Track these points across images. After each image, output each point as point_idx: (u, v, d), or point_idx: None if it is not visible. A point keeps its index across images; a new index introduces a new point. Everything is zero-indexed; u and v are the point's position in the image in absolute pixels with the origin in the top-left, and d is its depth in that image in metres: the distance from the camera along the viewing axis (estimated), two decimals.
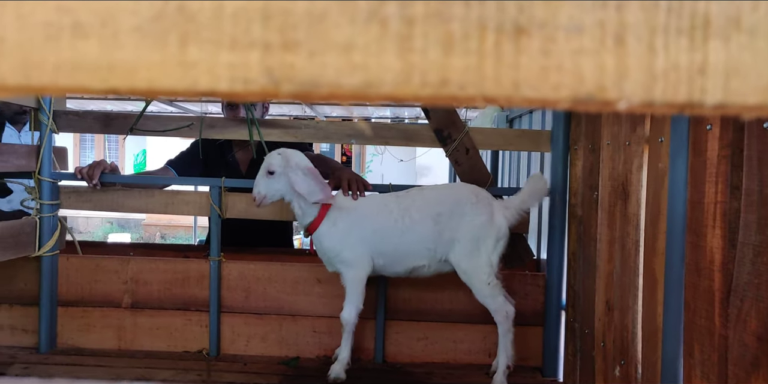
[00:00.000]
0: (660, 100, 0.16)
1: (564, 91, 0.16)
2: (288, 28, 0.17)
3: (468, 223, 1.77)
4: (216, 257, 2.07)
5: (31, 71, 0.17)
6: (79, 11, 0.17)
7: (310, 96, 0.17)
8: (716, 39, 0.16)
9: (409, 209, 1.80)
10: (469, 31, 0.17)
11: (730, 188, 0.99)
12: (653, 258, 1.30)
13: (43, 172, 2.05)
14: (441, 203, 1.80)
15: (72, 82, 0.17)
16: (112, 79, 0.17)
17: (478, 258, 1.76)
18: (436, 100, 0.17)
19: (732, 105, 0.16)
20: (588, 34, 0.16)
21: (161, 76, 0.17)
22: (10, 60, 0.17)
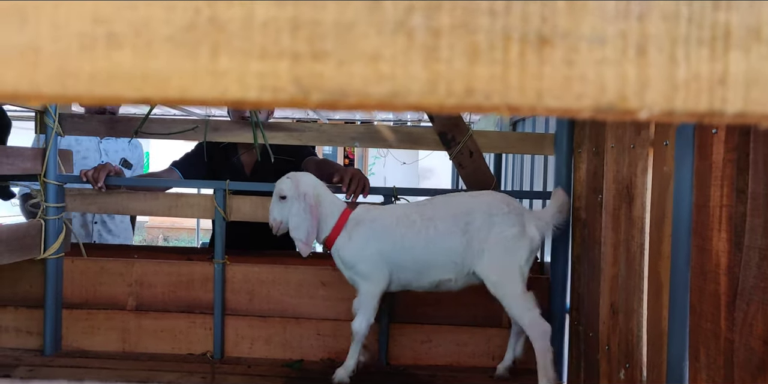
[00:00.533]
0: (681, 109, 0.16)
1: (586, 100, 0.17)
2: (316, 39, 0.17)
3: (499, 235, 1.68)
4: (220, 260, 2.08)
5: (67, 80, 0.18)
6: (113, 22, 0.18)
7: (338, 105, 0.18)
8: (737, 50, 0.16)
9: (434, 219, 1.71)
10: (494, 41, 0.17)
11: (736, 192, 0.99)
12: (658, 261, 1.30)
13: (48, 175, 2.06)
14: (470, 213, 1.70)
15: (107, 91, 0.18)
16: (145, 88, 0.18)
17: (511, 270, 1.67)
18: (461, 109, 0.17)
19: (752, 114, 0.16)
20: (610, 44, 0.17)
21: (193, 85, 0.18)
22: (46, 69, 0.18)
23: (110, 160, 2.70)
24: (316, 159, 2.46)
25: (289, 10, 0.17)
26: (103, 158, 2.69)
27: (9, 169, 1.92)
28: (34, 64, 0.18)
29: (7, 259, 1.86)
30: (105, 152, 2.73)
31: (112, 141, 2.75)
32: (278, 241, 2.56)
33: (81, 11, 0.18)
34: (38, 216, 2.07)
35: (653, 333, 1.32)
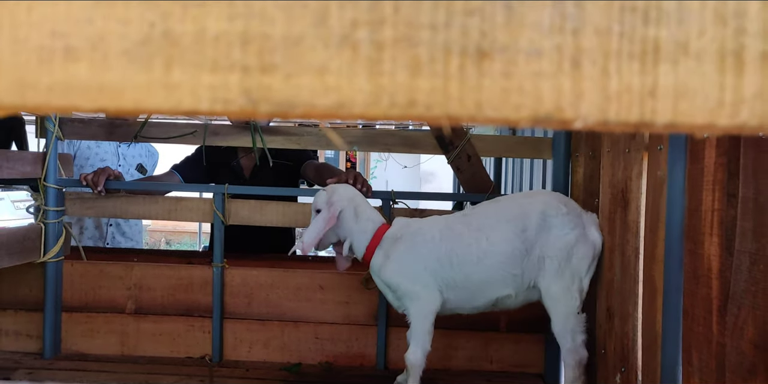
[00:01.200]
0: (614, 120, 0.17)
1: (524, 111, 0.17)
2: (266, 52, 0.18)
3: (558, 239, 1.51)
4: (219, 263, 2.08)
5: (26, 92, 0.18)
6: (71, 36, 0.18)
7: (287, 115, 0.18)
8: (666, 63, 0.17)
9: (483, 229, 1.54)
10: (435, 54, 0.18)
11: (727, 196, 0.99)
12: (653, 265, 1.30)
13: (48, 179, 2.07)
14: (525, 216, 1.53)
15: (64, 102, 0.18)
16: (101, 99, 0.18)
17: (571, 281, 1.51)
18: (403, 119, 0.18)
19: (681, 125, 0.17)
20: (546, 57, 0.17)
21: (147, 97, 0.18)
22: (5, 81, 0.18)
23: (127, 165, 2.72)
24: (316, 163, 2.47)
25: (239, 24, 0.18)
26: (121, 162, 2.71)
27: (9, 173, 1.93)
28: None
29: (7, 262, 1.87)
30: (123, 157, 2.74)
31: (131, 146, 2.75)
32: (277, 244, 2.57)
33: (40, 25, 0.18)
34: (38, 219, 2.08)
35: (648, 337, 1.33)
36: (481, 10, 0.17)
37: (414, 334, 1.60)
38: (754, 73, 0.16)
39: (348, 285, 2.08)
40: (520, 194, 1.72)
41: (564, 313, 1.51)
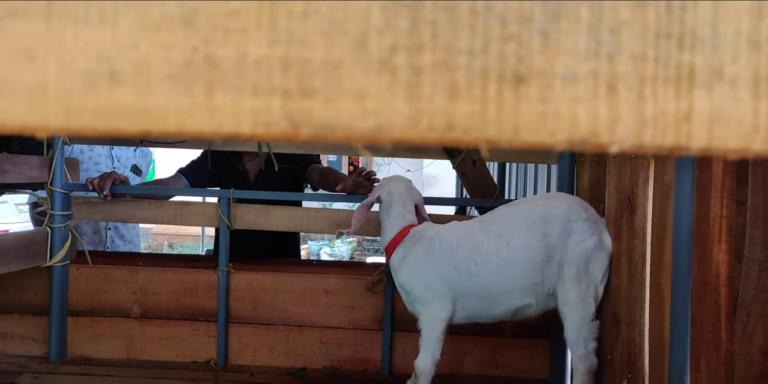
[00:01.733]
0: (649, 144, 0.17)
1: (561, 135, 0.18)
2: (306, 76, 0.19)
3: (577, 245, 1.48)
4: (224, 268, 2.09)
5: (72, 115, 0.19)
6: (116, 60, 0.19)
7: (327, 138, 0.19)
8: (701, 88, 0.17)
9: (503, 236, 1.50)
10: (473, 79, 0.18)
11: (736, 203, 0.99)
12: (660, 271, 1.30)
13: (55, 183, 2.08)
14: (546, 221, 1.49)
15: (109, 125, 0.19)
16: (144, 122, 0.19)
17: (587, 288, 1.48)
18: (441, 142, 0.18)
19: (716, 149, 0.17)
20: (582, 82, 0.18)
21: (189, 120, 0.19)
22: (52, 104, 0.19)
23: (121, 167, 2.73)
24: (320, 167, 2.48)
25: (280, 49, 0.19)
26: (115, 165, 2.72)
27: (16, 177, 1.94)
28: (42, 100, 0.19)
29: (14, 266, 1.88)
30: (117, 158, 2.76)
31: (123, 148, 2.78)
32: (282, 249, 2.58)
33: (86, 50, 0.19)
34: (44, 224, 2.09)
35: (655, 343, 1.32)
36: (518, 37, 0.18)
37: (424, 341, 1.59)
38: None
39: (353, 290, 2.09)
40: (540, 197, 1.70)
41: (578, 320, 1.49)
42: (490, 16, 0.18)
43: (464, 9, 0.18)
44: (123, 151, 2.78)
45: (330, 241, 9.55)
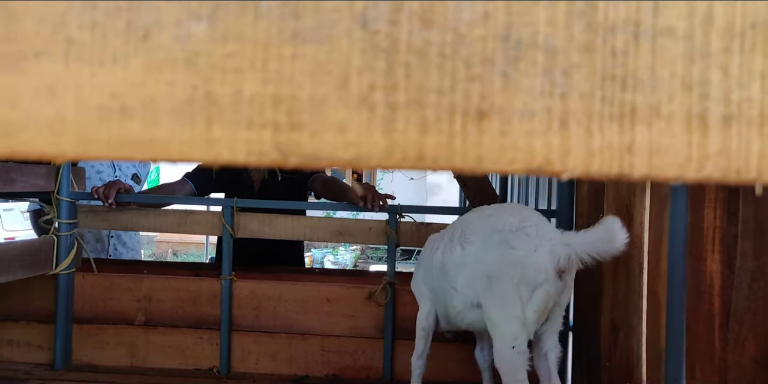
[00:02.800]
0: (597, 172, 0.20)
1: (518, 164, 0.20)
2: (294, 111, 0.21)
3: (500, 258, 1.33)
4: (227, 276, 2.11)
5: (88, 146, 0.21)
6: (126, 96, 0.21)
7: (313, 165, 0.21)
8: (641, 124, 0.19)
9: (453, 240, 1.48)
10: (441, 115, 0.20)
11: (728, 214, 1.01)
12: (657, 280, 1.32)
13: (61, 192, 2.11)
14: (476, 230, 1.43)
15: (120, 154, 0.21)
16: (151, 152, 0.21)
17: (509, 307, 1.31)
18: (414, 169, 0.21)
19: (654, 177, 0.19)
20: (537, 118, 0.20)
21: (190, 150, 0.21)
22: (71, 136, 0.21)
23: (122, 175, 2.77)
24: (324, 176, 2.50)
25: (271, 87, 0.21)
26: (117, 173, 2.76)
27: (23, 186, 1.98)
28: (60, 132, 0.21)
29: (20, 274, 1.91)
30: (118, 167, 2.80)
31: None
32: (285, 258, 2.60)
33: (100, 88, 0.21)
34: (51, 232, 2.12)
35: (652, 351, 1.34)
36: (481, 77, 0.20)
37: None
38: (716, 133, 0.19)
39: (354, 298, 2.10)
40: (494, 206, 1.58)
41: (500, 341, 1.33)
42: (457, 59, 0.20)
43: (434, 53, 0.20)
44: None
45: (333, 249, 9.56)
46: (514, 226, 1.36)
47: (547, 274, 1.30)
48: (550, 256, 1.30)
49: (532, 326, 1.32)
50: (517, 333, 1.31)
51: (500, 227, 1.37)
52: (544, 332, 1.40)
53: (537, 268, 1.30)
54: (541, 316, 1.34)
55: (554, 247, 1.30)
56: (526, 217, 1.40)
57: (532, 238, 1.33)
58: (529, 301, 1.30)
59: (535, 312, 1.31)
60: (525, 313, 1.30)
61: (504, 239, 1.35)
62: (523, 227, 1.35)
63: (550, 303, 1.35)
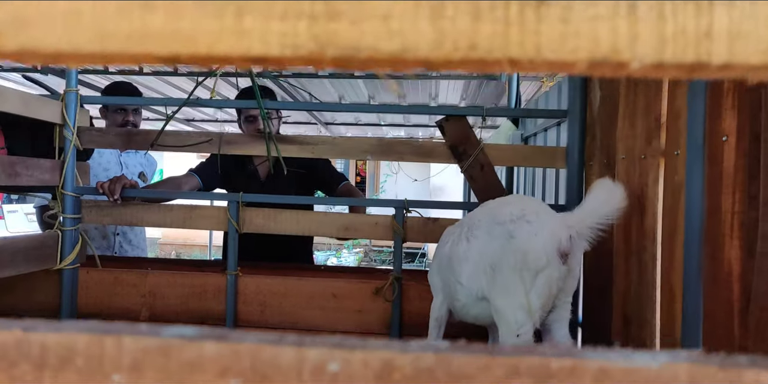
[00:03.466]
0: (670, 60, 0.18)
1: (581, 53, 0.18)
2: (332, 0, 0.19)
3: (501, 248, 1.32)
4: (233, 271, 2.09)
5: (106, 40, 0.19)
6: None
7: (352, 60, 0.19)
8: (721, 6, 0.17)
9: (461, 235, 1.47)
10: (495, 1, 0.18)
11: (748, 198, 0.99)
12: (671, 271, 1.30)
13: (66, 187, 2.10)
14: (480, 224, 1.42)
15: (140, 49, 0.19)
16: (174, 45, 0.19)
17: (513, 295, 1.29)
18: (465, 64, 0.19)
19: (736, 65, 0.17)
20: (603, 2, 0.18)
21: (218, 43, 0.19)
22: (86, 31, 0.19)
23: (129, 173, 2.76)
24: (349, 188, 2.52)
25: None
26: (124, 171, 2.75)
27: (28, 180, 1.96)
28: (76, 26, 0.19)
29: (24, 268, 1.89)
30: (125, 165, 2.78)
31: (131, 154, 2.81)
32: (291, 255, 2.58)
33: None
34: (55, 227, 2.10)
35: (666, 343, 1.31)
36: None
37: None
38: None
39: (361, 293, 2.08)
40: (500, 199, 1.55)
41: (505, 330, 1.31)
42: None
43: None
44: (131, 159, 2.81)
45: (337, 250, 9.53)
46: (515, 215, 1.35)
47: (548, 258, 1.28)
48: (550, 238, 1.28)
49: (536, 313, 1.30)
50: (522, 321, 1.29)
51: (501, 218, 1.36)
52: (553, 322, 1.38)
53: (537, 253, 1.28)
54: (546, 303, 1.32)
55: (554, 229, 1.28)
56: (526, 205, 1.38)
57: (532, 224, 1.32)
58: (532, 287, 1.28)
59: (539, 297, 1.29)
60: (529, 300, 1.29)
61: (505, 230, 1.34)
62: (524, 215, 1.34)
63: (555, 288, 1.31)
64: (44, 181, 2.05)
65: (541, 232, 1.29)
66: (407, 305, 2.06)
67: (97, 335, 0.19)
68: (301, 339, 0.20)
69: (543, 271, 1.29)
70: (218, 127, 7.48)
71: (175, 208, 2.18)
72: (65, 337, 0.19)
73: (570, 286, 1.38)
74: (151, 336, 0.19)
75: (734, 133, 1.02)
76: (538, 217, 1.33)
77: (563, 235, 1.26)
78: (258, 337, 0.20)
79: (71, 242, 2.10)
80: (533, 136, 3.16)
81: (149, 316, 2.12)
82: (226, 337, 0.19)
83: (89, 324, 0.20)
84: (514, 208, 1.37)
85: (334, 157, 2.23)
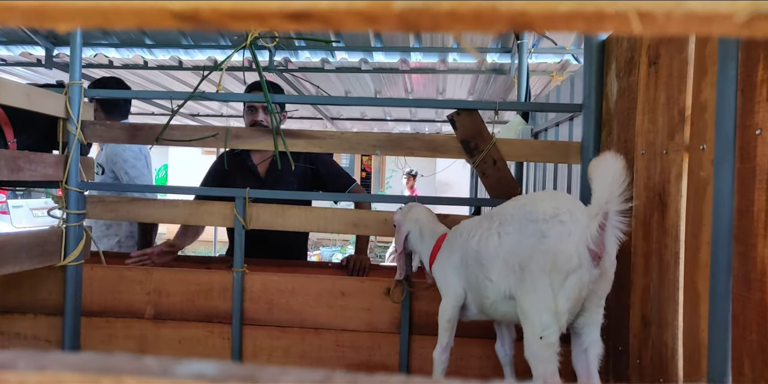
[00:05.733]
0: None
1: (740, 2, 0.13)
2: None
3: (532, 248, 1.29)
4: (239, 268, 2.05)
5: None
6: None
7: (425, 16, 0.14)
8: None
9: (491, 229, 1.42)
10: None
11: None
12: (695, 270, 1.25)
13: (70, 182, 2.06)
14: (513, 220, 1.37)
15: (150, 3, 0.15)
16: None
17: (541, 297, 1.26)
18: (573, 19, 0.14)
19: None
20: None
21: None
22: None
23: None
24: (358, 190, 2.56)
25: None
26: None
27: (31, 175, 1.92)
28: None
29: (27, 265, 1.85)
30: None
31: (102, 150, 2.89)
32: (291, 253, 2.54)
33: None
34: (59, 223, 2.07)
35: (690, 346, 1.26)
36: None
37: (439, 330, 1.60)
38: None
39: (370, 292, 2.04)
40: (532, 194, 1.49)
41: (530, 331, 1.28)
42: None
43: None
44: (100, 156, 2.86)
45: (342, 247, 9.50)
46: (548, 214, 1.30)
47: (580, 259, 1.23)
48: (583, 239, 1.23)
49: (563, 316, 1.26)
50: (547, 324, 1.26)
51: (535, 217, 1.31)
52: (584, 325, 1.34)
53: (569, 254, 1.23)
54: (574, 306, 1.28)
55: (585, 230, 1.23)
56: (560, 204, 1.32)
57: (566, 225, 1.27)
58: (560, 289, 1.24)
59: (568, 300, 1.25)
60: (557, 303, 1.25)
61: (538, 229, 1.29)
62: (557, 215, 1.29)
63: (585, 291, 1.27)
64: (47, 176, 2.01)
65: (575, 232, 1.24)
66: (417, 304, 2.01)
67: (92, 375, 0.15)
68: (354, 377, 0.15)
69: (574, 273, 1.24)
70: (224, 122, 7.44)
71: (180, 204, 2.14)
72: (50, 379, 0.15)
73: (603, 289, 1.33)
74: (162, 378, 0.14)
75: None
76: (571, 216, 1.28)
77: (593, 227, 1.20)
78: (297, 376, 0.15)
79: (75, 238, 2.06)
80: (544, 131, 3.10)
81: (154, 313, 2.08)
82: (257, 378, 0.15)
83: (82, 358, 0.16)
84: (548, 206, 1.32)
85: (342, 152, 2.19)
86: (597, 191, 1.22)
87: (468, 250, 1.47)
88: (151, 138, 2.11)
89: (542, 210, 1.31)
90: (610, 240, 1.22)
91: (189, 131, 2.15)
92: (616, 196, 1.19)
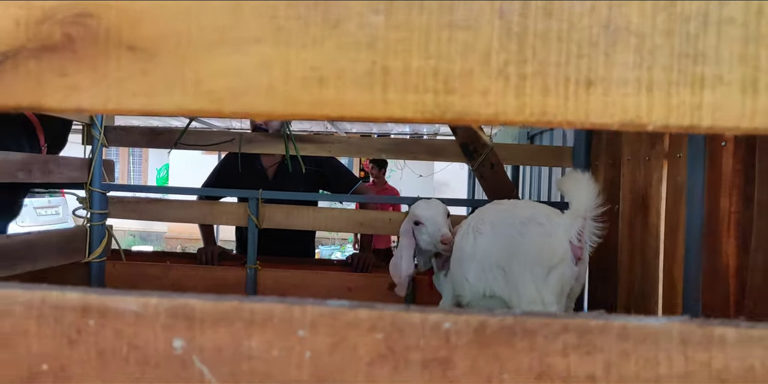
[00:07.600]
0: (674, 124, 0.27)
1: (616, 117, 0.27)
2: (449, 80, 0.28)
3: (509, 247, 1.35)
4: (253, 265, 2.18)
5: (294, 107, 0.29)
6: (322, 69, 0.29)
7: (462, 120, 0.28)
8: (708, 89, 0.27)
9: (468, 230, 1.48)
10: (558, 82, 0.28)
11: (744, 200, 1.08)
12: (673, 265, 1.39)
13: (94, 184, 2.19)
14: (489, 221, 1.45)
15: (318, 112, 0.29)
16: (341, 111, 0.29)
17: (525, 291, 1.31)
18: (537, 124, 0.28)
19: (717, 127, 0.27)
20: (630, 85, 0.27)
21: (371, 109, 0.29)
22: (278, 100, 0.29)
23: None
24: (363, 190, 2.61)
25: (432, 62, 0.28)
26: None
27: (60, 177, 2.06)
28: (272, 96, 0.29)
29: (56, 261, 1.99)
30: None
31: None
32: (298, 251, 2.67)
33: (303, 63, 0.29)
34: (84, 222, 2.20)
35: None
36: (589, 55, 0.27)
37: None
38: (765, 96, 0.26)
39: (376, 287, 2.17)
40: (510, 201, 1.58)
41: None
42: (570, 42, 0.28)
43: (554, 37, 0.28)
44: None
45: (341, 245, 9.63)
46: (525, 217, 1.38)
47: (562, 255, 1.31)
48: (564, 237, 1.31)
49: (552, 307, 1.31)
50: None
51: (511, 220, 1.39)
52: None
53: (552, 250, 1.31)
54: (558, 299, 1.34)
55: (567, 229, 1.33)
56: (538, 210, 1.42)
57: (544, 226, 1.35)
58: (544, 283, 1.30)
59: (552, 293, 1.31)
60: (542, 295, 1.30)
61: (516, 230, 1.36)
62: (535, 218, 1.37)
63: (566, 287, 1.35)
64: (73, 179, 2.15)
65: (555, 232, 1.33)
66: (420, 297, 2.15)
67: (288, 304, 0.29)
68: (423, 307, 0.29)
69: (555, 268, 1.31)
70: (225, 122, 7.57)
71: (195, 205, 2.28)
72: (266, 306, 0.29)
73: (575, 291, 1.42)
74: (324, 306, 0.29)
75: (732, 140, 1.12)
76: (549, 220, 1.36)
77: (576, 225, 1.31)
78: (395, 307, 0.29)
79: (99, 236, 2.20)
80: (539, 134, 3.24)
81: None
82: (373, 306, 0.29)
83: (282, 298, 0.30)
84: (526, 212, 1.41)
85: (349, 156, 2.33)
86: (574, 202, 1.33)
87: (454, 250, 1.54)
88: (170, 142, 2.25)
89: (520, 214, 1.39)
90: (586, 245, 1.33)
91: (206, 136, 2.28)
92: (592, 206, 1.30)
